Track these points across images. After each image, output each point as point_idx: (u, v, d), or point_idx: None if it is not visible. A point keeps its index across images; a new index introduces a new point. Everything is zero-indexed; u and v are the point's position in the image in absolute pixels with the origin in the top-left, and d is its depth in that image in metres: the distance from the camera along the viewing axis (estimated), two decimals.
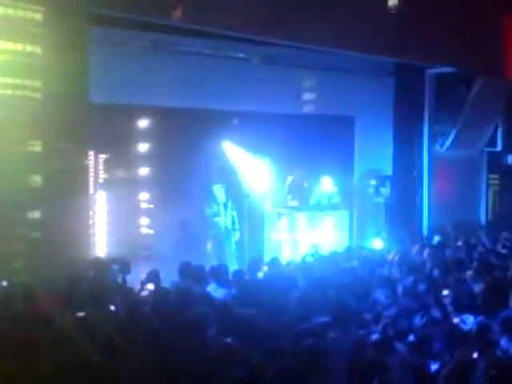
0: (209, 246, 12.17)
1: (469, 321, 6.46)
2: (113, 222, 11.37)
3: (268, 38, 10.48)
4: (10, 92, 7.91)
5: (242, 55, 11.58)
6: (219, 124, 12.14)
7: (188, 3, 9.10)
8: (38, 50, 8.10)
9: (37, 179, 8.10)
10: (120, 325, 6.03)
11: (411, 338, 5.78)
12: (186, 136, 11.62)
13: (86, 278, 7.74)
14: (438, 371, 5.30)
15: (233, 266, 10.31)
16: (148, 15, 9.05)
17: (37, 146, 8.11)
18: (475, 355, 5.39)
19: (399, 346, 5.68)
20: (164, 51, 10.69)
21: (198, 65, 11.01)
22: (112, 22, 9.25)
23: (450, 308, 7.04)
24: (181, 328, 5.80)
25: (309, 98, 13.03)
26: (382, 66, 13.32)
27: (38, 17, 8.08)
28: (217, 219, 12.12)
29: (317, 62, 12.32)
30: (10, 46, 7.91)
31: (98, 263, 8.43)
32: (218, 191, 12.18)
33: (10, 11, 7.89)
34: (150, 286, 7.77)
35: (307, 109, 12.99)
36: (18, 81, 7.98)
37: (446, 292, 7.45)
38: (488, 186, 15.58)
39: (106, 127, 10.30)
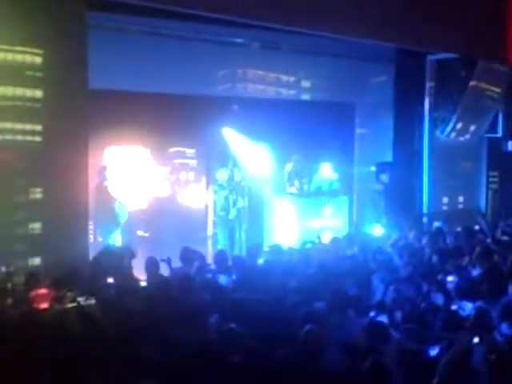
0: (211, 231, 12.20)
1: (467, 307, 6.47)
2: None
3: (266, 23, 10.40)
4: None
5: (241, 40, 11.52)
6: (219, 110, 12.10)
7: None
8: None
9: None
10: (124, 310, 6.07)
11: (409, 324, 5.77)
12: (186, 122, 11.61)
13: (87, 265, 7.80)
14: (436, 357, 5.31)
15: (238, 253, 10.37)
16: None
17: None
18: (475, 340, 5.39)
19: (396, 333, 5.67)
20: (163, 37, 10.63)
21: (197, 50, 10.96)
22: (110, 7, 9.19)
23: (446, 293, 7.05)
24: (182, 315, 5.82)
25: (309, 84, 12.99)
26: (382, 52, 13.25)
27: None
28: (221, 205, 12.14)
29: (317, 47, 12.25)
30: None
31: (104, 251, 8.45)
32: (222, 177, 12.18)
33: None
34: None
35: (307, 95, 12.95)
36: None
37: (450, 278, 7.44)
38: (488, 173, 15.56)
39: (103, 113, 10.25)
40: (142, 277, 7.85)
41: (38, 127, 8.26)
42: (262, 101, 12.28)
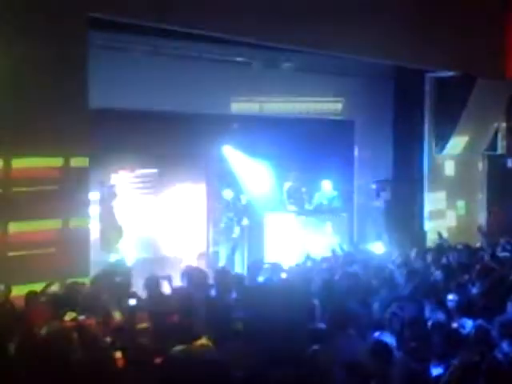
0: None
1: (467, 325, 6.47)
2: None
3: (268, 42, 10.49)
4: None
5: (242, 59, 11.59)
6: (219, 128, 12.15)
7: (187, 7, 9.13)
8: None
9: None
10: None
11: (412, 343, 5.76)
12: (186, 140, 11.66)
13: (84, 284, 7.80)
14: (439, 376, 5.30)
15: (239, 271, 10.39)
16: (147, 19, 9.07)
17: None
18: (476, 359, 5.37)
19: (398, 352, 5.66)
20: (164, 55, 10.70)
21: (198, 69, 11.03)
22: (112, 27, 9.25)
23: (447, 311, 7.03)
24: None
25: (309, 102, 13.03)
26: (382, 70, 13.33)
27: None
28: (227, 223, 12.17)
29: (317, 65, 12.32)
30: None
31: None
32: (227, 195, 12.22)
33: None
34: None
35: (307, 112, 12.99)
36: None
37: (451, 297, 7.43)
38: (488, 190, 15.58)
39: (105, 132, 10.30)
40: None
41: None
42: (261, 118, 12.32)
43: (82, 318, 6.42)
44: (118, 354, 5.41)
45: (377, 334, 5.99)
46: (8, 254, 7.99)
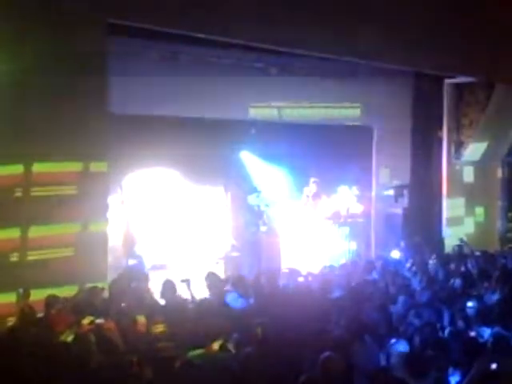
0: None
1: (485, 333, 6.41)
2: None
3: (287, 48, 10.50)
4: None
5: (259, 65, 11.60)
6: (237, 134, 12.18)
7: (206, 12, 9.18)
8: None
9: None
10: None
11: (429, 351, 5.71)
12: (205, 146, 11.71)
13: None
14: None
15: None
16: (167, 26, 9.12)
17: None
18: (493, 366, 5.33)
19: None
20: (182, 61, 10.75)
21: (217, 74, 11.07)
22: (132, 33, 9.31)
23: (466, 319, 6.98)
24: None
25: (327, 108, 13.02)
26: (400, 76, 13.28)
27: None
28: (249, 228, 12.19)
29: (335, 71, 12.31)
30: None
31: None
32: (252, 201, 12.24)
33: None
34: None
35: (326, 119, 12.98)
36: None
37: (470, 304, 7.37)
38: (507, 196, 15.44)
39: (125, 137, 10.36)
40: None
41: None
42: (279, 124, 12.33)
43: (99, 321, 6.45)
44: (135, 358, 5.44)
45: (393, 341, 5.96)
46: (28, 258, 8.05)
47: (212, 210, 12.75)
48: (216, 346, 5.75)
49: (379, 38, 10.80)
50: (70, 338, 5.92)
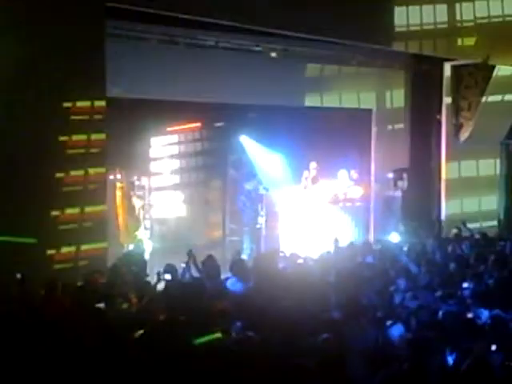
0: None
1: (483, 315, 6.45)
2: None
3: (287, 31, 10.48)
4: None
5: (258, 49, 11.57)
6: (236, 118, 12.17)
7: None
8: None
9: None
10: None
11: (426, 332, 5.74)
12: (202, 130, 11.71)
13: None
14: (454, 364, 5.30)
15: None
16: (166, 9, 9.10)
17: None
18: (493, 348, 5.37)
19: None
20: (181, 45, 10.72)
21: (215, 58, 11.04)
22: (129, 16, 9.29)
23: (463, 301, 7.02)
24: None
25: (325, 91, 13.02)
26: (398, 59, 13.26)
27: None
28: (249, 213, 12.21)
29: (333, 55, 12.28)
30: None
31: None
32: (250, 187, 12.25)
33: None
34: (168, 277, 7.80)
35: (324, 102, 12.98)
36: None
37: (465, 284, 7.42)
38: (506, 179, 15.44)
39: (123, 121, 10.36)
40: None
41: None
42: (278, 108, 12.31)
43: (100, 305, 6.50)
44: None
45: (389, 323, 6.00)
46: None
47: (211, 194, 12.75)
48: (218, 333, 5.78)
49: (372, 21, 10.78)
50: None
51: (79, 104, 8.51)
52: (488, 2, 13.35)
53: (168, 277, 7.75)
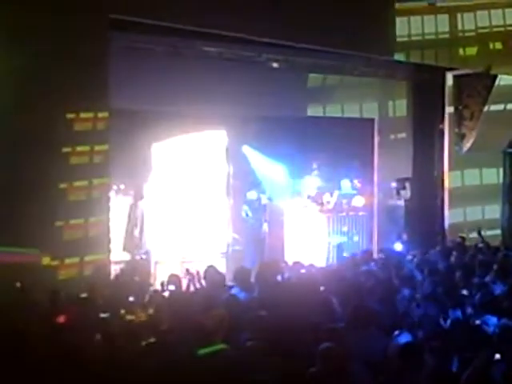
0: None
1: (491, 322, 6.42)
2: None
3: (290, 42, 10.51)
4: None
5: (260, 59, 11.61)
6: (238, 128, 12.19)
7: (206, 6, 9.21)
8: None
9: None
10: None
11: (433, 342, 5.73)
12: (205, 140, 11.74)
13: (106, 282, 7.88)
14: (458, 371, 5.28)
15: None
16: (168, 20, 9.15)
17: None
18: (497, 357, 5.35)
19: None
20: (183, 55, 10.76)
21: (217, 68, 11.08)
22: (132, 28, 9.34)
23: (469, 309, 7.00)
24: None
25: (328, 101, 13.05)
26: (401, 68, 13.29)
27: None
28: (252, 223, 12.22)
29: (335, 65, 12.32)
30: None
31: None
32: (252, 196, 12.25)
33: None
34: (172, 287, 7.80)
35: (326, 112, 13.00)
36: None
37: (465, 292, 7.41)
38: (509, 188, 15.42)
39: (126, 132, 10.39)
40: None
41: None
42: (281, 118, 12.34)
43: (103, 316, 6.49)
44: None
45: (396, 332, 5.98)
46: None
47: (214, 204, 12.75)
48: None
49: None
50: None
51: (83, 115, 8.54)
52: (489, 12, 13.39)
53: (172, 287, 7.76)
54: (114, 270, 8.91)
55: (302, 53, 11.48)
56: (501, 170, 15.02)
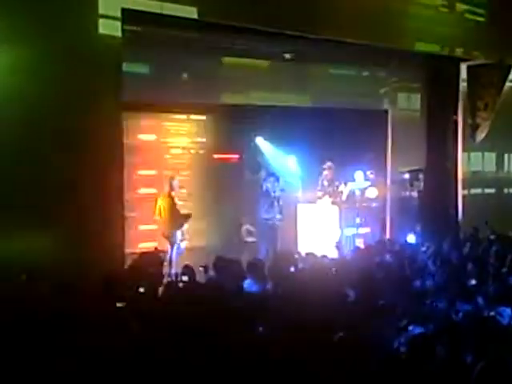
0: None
1: (506, 313, 6.41)
2: None
3: (301, 33, 10.50)
4: None
5: (274, 50, 11.60)
6: (252, 119, 12.20)
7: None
8: None
9: None
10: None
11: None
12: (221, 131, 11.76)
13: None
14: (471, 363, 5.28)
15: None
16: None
17: None
18: None
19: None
20: (197, 47, 10.78)
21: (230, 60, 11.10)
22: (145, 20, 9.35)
23: (482, 301, 6.98)
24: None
25: (342, 92, 13.02)
26: (414, 58, 13.23)
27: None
28: (266, 213, 12.21)
29: (349, 56, 12.29)
30: None
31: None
32: (270, 186, 12.23)
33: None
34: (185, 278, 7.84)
35: (340, 103, 12.97)
36: None
37: (473, 281, 7.41)
38: None
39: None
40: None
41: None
42: (293, 109, 12.33)
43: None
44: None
45: (410, 327, 5.98)
46: None
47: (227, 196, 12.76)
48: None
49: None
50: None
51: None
52: None
53: (185, 278, 7.80)
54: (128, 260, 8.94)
55: (315, 44, 11.46)
56: None
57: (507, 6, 13.09)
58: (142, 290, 7.38)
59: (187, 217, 10.90)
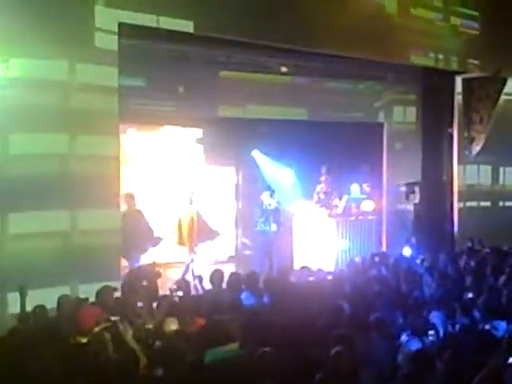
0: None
1: (501, 327, 6.40)
2: None
3: (298, 47, 10.54)
4: None
5: (271, 64, 11.63)
6: (249, 132, 12.22)
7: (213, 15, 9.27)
8: None
9: None
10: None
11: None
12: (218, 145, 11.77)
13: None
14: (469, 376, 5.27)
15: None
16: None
17: None
18: (510, 361, 5.33)
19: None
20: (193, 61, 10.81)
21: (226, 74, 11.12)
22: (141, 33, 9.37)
23: (476, 314, 6.98)
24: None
25: (337, 106, 13.05)
26: (409, 72, 13.28)
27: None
28: (262, 227, 12.19)
29: (344, 70, 12.33)
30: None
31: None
32: (265, 199, 12.21)
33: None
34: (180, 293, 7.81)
35: (336, 116, 13.00)
36: None
37: (470, 295, 7.40)
38: None
39: None
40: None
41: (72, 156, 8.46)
42: (290, 123, 12.36)
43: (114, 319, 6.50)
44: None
45: (405, 339, 5.97)
46: None
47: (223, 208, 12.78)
48: (231, 345, 5.77)
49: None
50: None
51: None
52: None
53: (180, 294, 7.77)
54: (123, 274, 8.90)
55: (315, 58, 11.49)
56: None
57: (501, 19, 13.13)
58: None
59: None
